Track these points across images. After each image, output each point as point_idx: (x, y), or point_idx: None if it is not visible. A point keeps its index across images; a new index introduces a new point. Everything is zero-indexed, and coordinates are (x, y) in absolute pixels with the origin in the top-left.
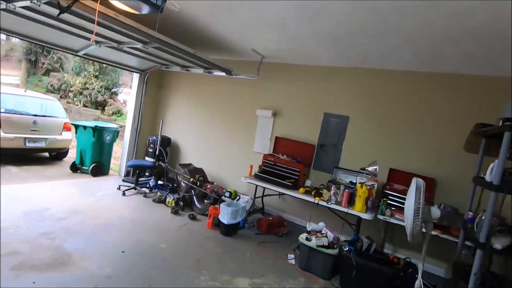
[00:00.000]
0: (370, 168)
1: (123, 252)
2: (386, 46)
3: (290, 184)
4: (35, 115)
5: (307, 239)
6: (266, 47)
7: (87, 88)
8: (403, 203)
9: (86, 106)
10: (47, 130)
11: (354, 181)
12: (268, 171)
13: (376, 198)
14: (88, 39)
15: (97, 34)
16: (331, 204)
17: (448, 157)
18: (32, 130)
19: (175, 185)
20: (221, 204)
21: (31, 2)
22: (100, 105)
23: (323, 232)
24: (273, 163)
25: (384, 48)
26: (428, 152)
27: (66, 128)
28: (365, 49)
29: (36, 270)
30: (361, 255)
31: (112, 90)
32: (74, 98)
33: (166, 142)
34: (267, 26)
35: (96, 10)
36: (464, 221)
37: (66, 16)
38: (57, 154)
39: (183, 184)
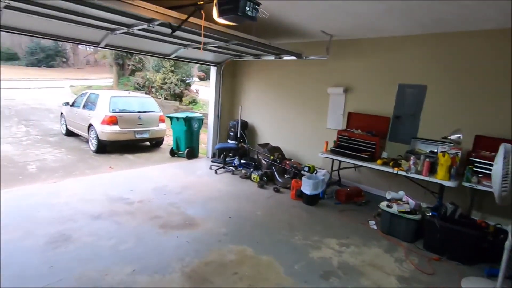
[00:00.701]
0: (452, 137)
1: (230, 217)
2: (466, 5)
3: (366, 156)
4: (139, 112)
5: (388, 206)
6: (335, 27)
7: (166, 83)
8: (491, 170)
9: (167, 99)
10: (148, 123)
11: (435, 150)
12: (343, 146)
13: (460, 166)
14: (177, 44)
15: (186, 39)
16: (411, 173)
17: None
18: (138, 124)
19: (256, 163)
20: (302, 177)
21: (148, 26)
22: (178, 97)
23: (403, 199)
24: (348, 137)
25: (463, 9)
26: None
27: (161, 120)
28: (441, 13)
29: (175, 228)
30: (445, 219)
31: (186, 82)
32: (157, 93)
33: (244, 125)
34: (337, 9)
35: (198, 24)
36: None
37: (161, 29)
38: (156, 143)
39: (264, 162)
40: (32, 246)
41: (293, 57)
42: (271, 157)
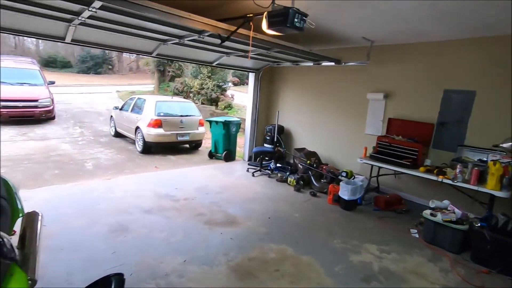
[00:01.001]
0: (505, 145)
1: (269, 218)
2: None
3: (408, 163)
4: (181, 116)
5: (432, 214)
6: (377, 33)
7: (203, 88)
8: None
9: (203, 103)
10: (189, 126)
11: (485, 159)
12: (383, 152)
13: None
14: (221, 53)
15: (230, 48)
16: (457, 182)
17: None
18: (180, 127)
19: (292, 167)
20: (341, 182)
21: (198, 37)
22: (214, 101)
23: (449, 208)
24: (388, 144)
25: None
26: None
27: (200, 123)
28: (491, 17)
29: (219, 225)
30: (496, 231)
31: (222, 87)
32: (194, 98)
33: (281, 129)
34: (380, 16)
35: (245, 34)
36: None
37: (209, 39)
38: (195, 145)
39: (300, 166)
40: (97, 233)
41: (332, 63)
42: (308, 162)
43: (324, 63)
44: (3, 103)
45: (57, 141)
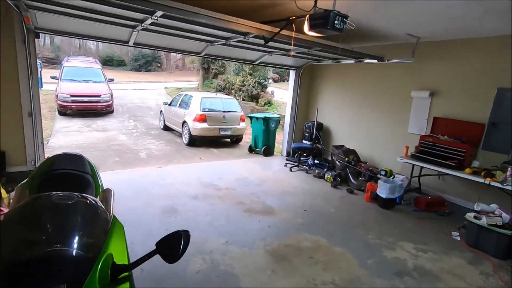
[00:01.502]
0: None
1: (304, 210)
2: None
3: (453, 164)
4: (224, 111)
5: (475, 217)
6: (424, 30)
7: (245, 85)
8: None
9: (244, 100)
10: (231, 122)
11: None
12: (427, 152)
13: None
14: (263, 52)
15: (272, 47)
16: (506, 185)
17: None
18: (222, 122)
19: (330, 163)
20: (379, 181)
21: (243, 38)
22: (255, 98)
23: (496, 212)
24: (432, 143)
25: None
26: None
27: (241, 119)
28: None
29: (257, 214)
30: None
31: (263, 84)
32: (236, 94)
33: (319, 126)
34: (427, 12)
35: (288, 35)
36: None
37: (253, 40)
38: (236, 139)
39: (338, 163)
40: (152, 213)
41: (374, 61)
42: (346, 159)
43: (366, 61)
44: (72, 98)
45: (116, 132)
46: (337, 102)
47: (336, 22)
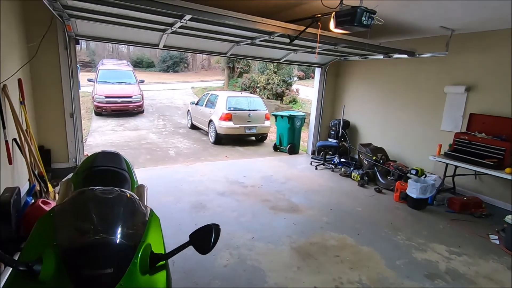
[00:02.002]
0: None
1: (331, 209)
2: None
3: (491, 163)
4: (249, 110)
5: None
6: (459, 22)
7: (269, 83)
8: None
9: (269, 98)
10: (256, 120)
11: None
12: (462, 150)
13: None
14: (288, 50)
15: (297, 45)
16: None
17: None
18: (248, 121)
19: (357, 162)
20: (409, 180)
21: (269, 37)
22: (279, 96)
23: None
24: (467, 141)
25: None
26: None
27: (266, 118)
28: None
29: (283, 211)
30: None
31: (287, 81)
32: (260, 93)
33: (346, 124)
34: (463, 3)
35: (313, 33)
36: None
37: (278, 39)
38: (261, 138)
39: (366, 162)
40: (182, 208)
41: (404, 56)
42: (374, 158)
43: (396, 56)
44: (107, 99)
45: (146, 131)
46: (364, 99)
47: (363, 18)
